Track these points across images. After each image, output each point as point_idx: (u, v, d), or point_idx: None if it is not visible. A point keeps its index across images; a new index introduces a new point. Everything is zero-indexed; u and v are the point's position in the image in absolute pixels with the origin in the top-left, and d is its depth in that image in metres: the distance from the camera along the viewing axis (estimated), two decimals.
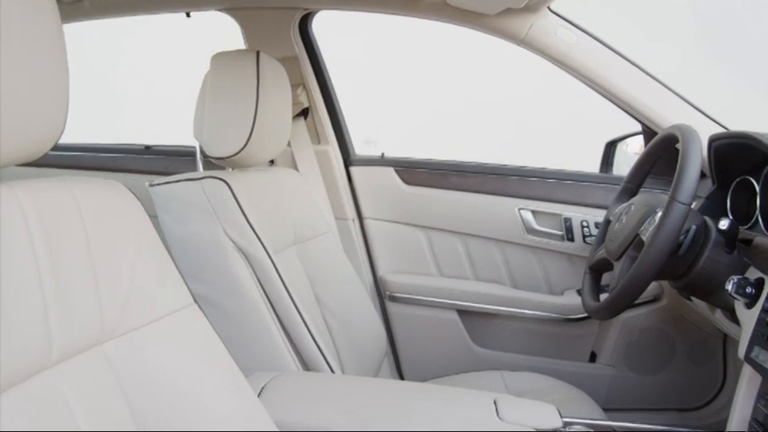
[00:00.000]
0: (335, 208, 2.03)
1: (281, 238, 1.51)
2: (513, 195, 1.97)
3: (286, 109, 1.55)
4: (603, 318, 1.48)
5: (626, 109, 1.78)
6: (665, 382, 1.95)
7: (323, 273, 1.63)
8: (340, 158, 2.08)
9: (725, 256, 1.32)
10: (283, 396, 1.05)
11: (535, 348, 2.01)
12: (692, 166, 1.24)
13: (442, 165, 2.06)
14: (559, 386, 1.74)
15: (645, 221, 1.37)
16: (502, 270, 2.02)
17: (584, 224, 1.92)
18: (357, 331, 1.64)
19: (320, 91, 2.02)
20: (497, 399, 1.06)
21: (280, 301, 1.33)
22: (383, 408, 1.03)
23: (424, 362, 2.05)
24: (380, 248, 2.08)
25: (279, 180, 1.62)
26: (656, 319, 1.92)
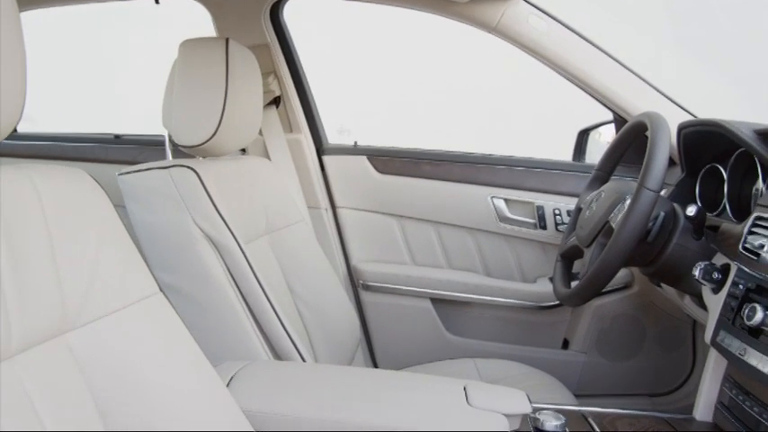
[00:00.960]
0: (308, 197, 2.01)
1: (252, 228, 1.50)
2: (485, 184, 1.97)
3: (256, 97, 1.53)
4: (574, 304, 1.49)
5: (597, 97, 1.79)
6: (637, 368, 1.98)
7: (295, 262, 1.62)
8: (312, 147, 2.07)
9: (693, 242, 1.34)
10: (252, 385, 1.04)
11: (508, 336, 2.02)
12: (660, 153, 1.25)
13: (416, 153, 2.05)
14: (532, 373, 1.75)
15: (614, 208, 1.38)
16: (475, 258, 2.03)
17: (556, 212, 1.93)
18: (330, 320, 1.63)
19: (292, 79, 2.01)
20: (467, 385, 1.06)
21: (250, 290, 1.32)
22: (352, 395, 1.03)
23: (397, 350, 2.05)
24: (353, 237, 2.08)
25: (250, 169, 1.60)
26: (627, 306, 1.94)
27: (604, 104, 1.81)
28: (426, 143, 2.12)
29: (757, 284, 1.08)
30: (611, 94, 1.75)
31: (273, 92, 1.95)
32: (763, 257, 1.07)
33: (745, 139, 1.27)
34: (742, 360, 1.05)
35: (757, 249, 1.10)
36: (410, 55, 4.10)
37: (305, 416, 0.97)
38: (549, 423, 1.07)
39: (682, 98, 1.78)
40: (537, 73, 1.84)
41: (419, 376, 1.16)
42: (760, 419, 1.06)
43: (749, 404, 1.10)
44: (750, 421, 1.09)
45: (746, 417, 1.10)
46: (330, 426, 0.96)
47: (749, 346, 1.05)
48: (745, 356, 1.05)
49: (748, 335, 1.06)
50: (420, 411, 0.99)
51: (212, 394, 0.88)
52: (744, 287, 1.11)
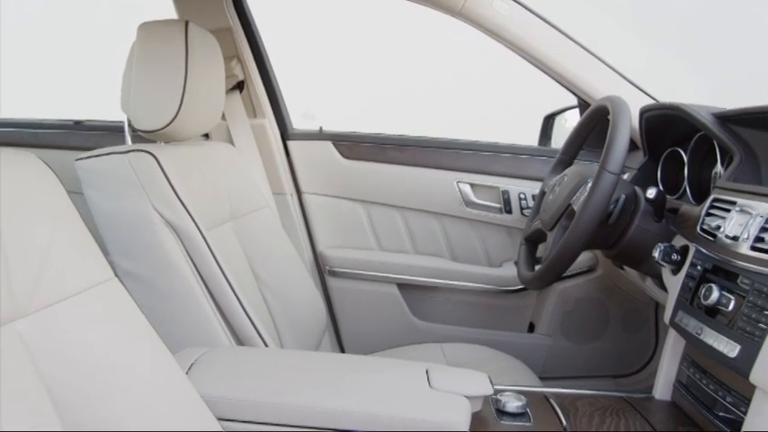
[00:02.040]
0: (273, 183, 1.99)
1: (215, 214, 1.48)
2: (451, 169, 1.97)
3: (218, 81, 1.51)
4: (537, 287, 1.51)
5: (561, 82, 1.80)
6: (601, 350, 2.00)
7: (260, 248, 1.61)
8: (277, 132, 2.04)
9: (653, 224, 1.35)
10: (213, 371, 1.03)
11: (474, 320, 2.03)
12: (620, 136, 1.26)
13: (382, 139, 2.04)
14: (497, 356, 1.76)
15: (577, 192, 1.39)
16: (441, 243, 2.03)
17: (521, 196, 1.94)
18: (296, 307, 1.63)
19: (255, 63, 1.98)
20: (429, 368, 1.06)
21: (211, 276, 1.31)
22: (313, 379, 1.03)
23: (364, 336, 2.05)
24: (319, 223, 2.06)
25: (213, 154, 1.58)
26: (591, 289, 1.96)
27: (568, 89, 1.82)
28: (394, 129, 2.12)
29: (714, 265, 1.10)
30: (575, 78, 1.76)
31: (236, 76, 1.92)
32: (719, 238, 1.08)
33: (703, 122, 1.28)
34: (699, 339, 1.07)
35: (714, 230, 1.11)
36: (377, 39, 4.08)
37: (265, 400, 0.96)
38: (510, 404, 1.09)
39: (644, 82, 1.79)
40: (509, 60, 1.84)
41: (381, 360, 1.16)
42: (716, 397, 1.08)
43: (705, 382, 1.12)
44: (707, 399, 1.11)
45: (703, 395, 1.12)
46: (291, 410, 0.96)
47: (705, 326, 1.06)
48: (701, 335, 1.06)
49: (705, 314, 1.08)
50: (381, 394, 0.99)
51: (170, 381, 0.87)
52: (701, 268, 1.13)
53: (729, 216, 1.09)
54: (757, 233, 1.00)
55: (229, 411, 0.97)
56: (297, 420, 0.96)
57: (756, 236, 1.00)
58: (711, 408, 1.09)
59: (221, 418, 0.96)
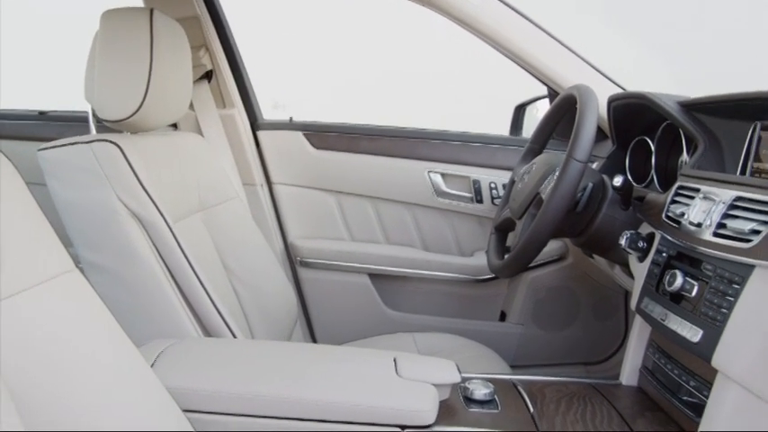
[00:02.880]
0: (243, 173, 1.98)
1: (183, 205, 1.46)
2: (422, 158, 1.97)
3: (185, 71, 1.49)
4: (506, 275, 1.51)
5: (531, 71, 1.80)
6: (572, 338, 2.02)
7: (230, 239, 1.59)
8: (247, 122, 2.03)
9: (621, 212, 1.36)
10: (179, 362, 1.02)
11: (446, 309, 2.04)
12: (587, 125, 1.26)
13: (352, 129, 2.04)
14: (469, 345, 1.77)
15: (545, 180, 1.39)
16: (413, 233, 2.03)
17: (492, 186, 1.94)
18: (267, 297, 1.62)
19: (224, 53, 1.96)
20: (397, 357, 1.06)
21: (178, 267, 1.29)
22: (281, 369, 1.02)
23: (336, 326, 2.05)
24: (290, 214, 2.05)
25: (181, 145, 1.56)
26: (561, 278, 1.98)
27: (538, 78, 1.82)
28: (365, 119, 2.11)
29: (678, 251, 1.11)
30: (545, 68, 1.76)
31: (205, 66, 1.90)
32: (683, 225, 1.09)
33: (669, 110, 1.29)
34: (663, 325, 1.08)
35: (678, 218, 1.12)
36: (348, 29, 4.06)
37: (231, 391, 0.96)
38: (478, 392, 1.09)
39: (613, 72, 1.80)
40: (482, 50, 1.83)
41: (349, 349, 1.16)
42: (680, 381, 1.10)
43: (670, 367, 1.13)
44: (672, 384, 1.12)
45: (668, 380, 1.14)
46: (257, 400, 0.95)
47: (670, 312, 1.07)
48: (666, 321, 1.07)
49: (670, 301, 1.09)
50: (349, 383, 0.99)
51: (132, 373, 0.86)
52: (666, 254, 1.14)
53: (693, 203, 1.10)
54: (719, 219, 1.01)
55: (195, 403, 0.96)
56: (263, 411, 0.95)
57: (719, 222, 1.01)
58: (676, 392, 1.11)
59: (187, 409, 0.95)
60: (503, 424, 1.03)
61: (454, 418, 1.02)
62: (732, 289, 0.94)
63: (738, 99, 1.13)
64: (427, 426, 0.97)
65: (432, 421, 0.97)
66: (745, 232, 0.94)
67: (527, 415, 1.07)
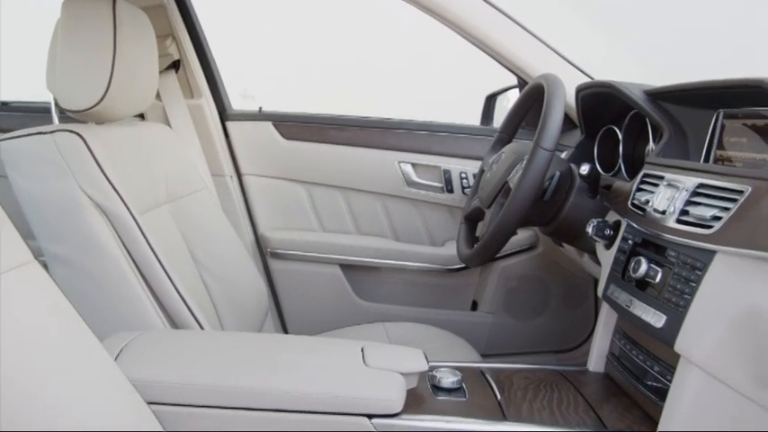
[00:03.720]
0: (212, 164, 1.96)
1: (150, 196, 1.44)
2: (392, 148, 1.97)
3: (151, 60, 1.47)
4: (475, 264, 1.52)
5: (501, 61, 1.79)
6: (543, 327, 2.04)
7: (199, 231, 1.58)
8: (215, 113, 2.00)
9: (588, 201, 1.37)
10: (144, 354, 1.01)
11: (418, 299, 2.04)
12: (554, 113, 1.27)
13: (322, 119, 2.02)
14: (440, 334, 1.78)
15: (513, 169, 1.40)
16: (383, 223, 2.03)
17: (462, 176, 1.95)
18: (236, 289, 1.60)
19: (191, 42, 1.93)
20: (365, 346, 1.06)
21: (144, 259, 1.27)
22: (247, 360, 1.01)
23: (308, 317, 2.04)
24: (260, 205, 2.04)
25: (148, 135, 1.54)
26: (532, 267, 1.99)
27: (508, 68, 1.82)
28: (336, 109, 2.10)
29: (643, 239, 1.12)
30: (514, 57, 1.76)
31: (171, 55, 1.87)
32: (648, 213, 1.10)
33: (634, 99, 1.30)
34: (628, 311, 1.09)
35: (643, 205, 1.13)
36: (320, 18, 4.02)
37: (196, 382, 0.95)
38: (445, 380, 1.09)
39: (585, 64, 1.81)
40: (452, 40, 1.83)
41: (316, 339, 1.16)
42: (645, 367, 1.11)
43: (636, 353, 1.15)
44: (637, 369, 1.14)
45: (634, 366, 1.15)
46: (223, 391, 0.94)
47: (635, 298, 1.09)
48: (631, 308, 1.09)
49: (636, 288, 1.10)
50: (315, 373, 0.99)
51: (94, 365, 0.84)
52: (632, 242, 1.15)
53: (658, 191, 1.11)
54: (682, 206, 1.02)
55: (160, 395, 0.95)
56: (229, 402, 0.95)
57: (682, 209, 1.02)
58: (642, 378, 1.12)
59: (152, 401, 0.94)
60: (470, 411, 1.04)
61: (421, 407, 1.02)
62: (694, 275, 0.95)
63: (702, 87, 1.14)
64: (394, 414, 0.97)
65: (399, 410, 0.97)
66: (707, 219, 0.95)
67: (494, 402, 1.08)
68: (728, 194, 0.94)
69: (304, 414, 0.95)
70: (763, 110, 1.05)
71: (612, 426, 1.04)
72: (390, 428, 0.96)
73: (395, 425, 0.96)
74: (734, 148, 1.11)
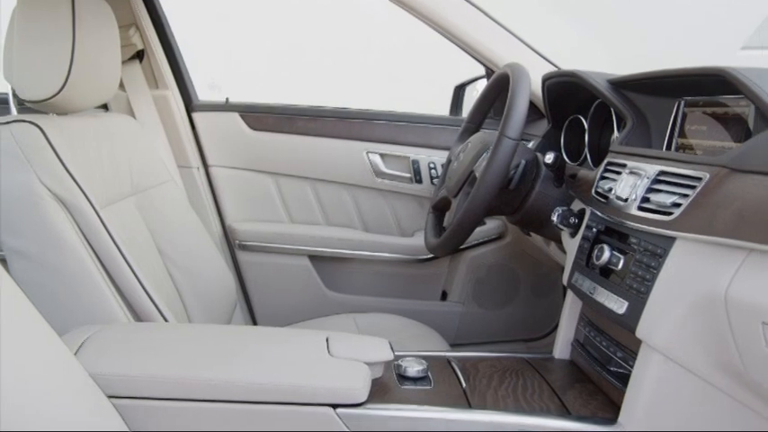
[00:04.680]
0: (178, 156, 1.93)
1: (114, 188, 1.42)
2: (361, 139, 1.96)
3: (112, 50, 1.44)
4: (442, 254, 1.52)
5: (468, 51, 1.80)
6: (512, 316, 2.05)
7: (165, 223, 1.56)
8: (181, 104, 1.98)
9: (554, 189, 1.38)
10: (105, 348, 0.99)
11: (388, 290, 2.04)
12: (519, 102, 1.27)
13: (290, 109, 2.01)
14: (410, 324, 1.78)
15: (479, 158, 1.40)
16: (352, 214, 2.02)
17: (431, 166, 1.95)
18: (204, 281, 1.59)
19: (156, 32, 1.90)
20: (329, 336, 1.06)
21: (106, 252, 1.25)
22: (210, 351, 1.00)
23: (277, 309, 2.03)
24: (228, 197, 2.02)
25: (111, 127, 1.51)
26: (501, 256, 2.00)
27: (475, 58, 1.82)
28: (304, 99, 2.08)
29: (606, 226, 1.13)
30: (481, 47, 1.76)
31: (135, 45, 1.84)
32: (611, 200, 1.11)
33: (598, 88, 1.31)
34: (592, 298, 1.10)
35: (607, 193, 1.14)
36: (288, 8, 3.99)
37: (158, 375, 0.94)
38: (411, 369, 1.09)
39: (552, 53, 1.82)
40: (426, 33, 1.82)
41: (280, 330, 1.15)
42: (609, 353, 1.12)
43: (599, 340, 1.16)
44: (601, 356, 1.15)
45: (599, 352, 1.16)
46: (184, 383, 0.93)
47: (598, 285, 1.10)
48: (594, 295, 1.10)
49: (599, 275, 1.11)
50: (280, 364, 0.98)
51: (49, 360, 0.82)
52: (596, 229, 1.16)
53: (620, 178, 1.12)
54: (644, 194, 1.03)
55: (121, 388, 0.93)
56: (191, 394, 0.94)
57: (643, 196, 1.03)
58: (605, 364, 1.13)
59: (113, 395, 0.93)
60: (435, 400, 1.04)
61: (386, 396, 1.02)
62: (655, 261, 0.96)
63: (663, 76, 1.15)
64: (359, 404, 0.96)
65: (364, 399, 0.97)
66: (667, 206, 0.96)
67: (459, 390, 1.08)
68: (688, 181, 0.95)
69: (268, 405, 0.94)
70: (724, 98, 1.07)
71: (576, 412, 1.05)
72: (355, 418, 0.96)
73: (360, 414, 0.96)
74: (695, 136, 1.13)
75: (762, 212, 0.78)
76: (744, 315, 0.79)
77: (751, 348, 0.80)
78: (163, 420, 0.95)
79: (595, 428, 0.99)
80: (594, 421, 1.01)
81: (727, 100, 1.05)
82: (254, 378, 0.94)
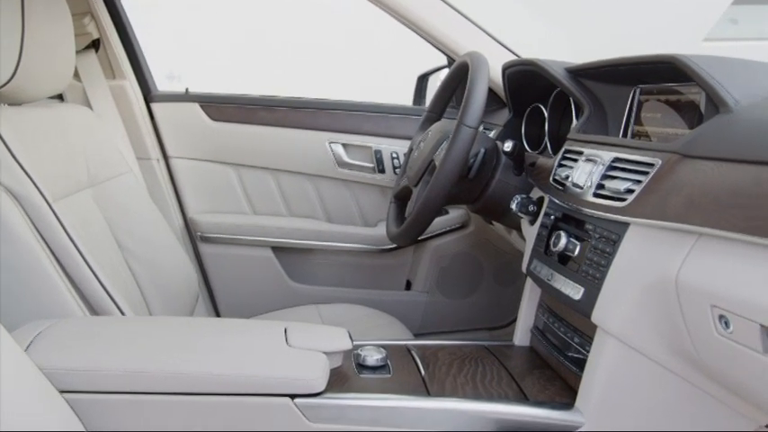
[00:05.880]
0: (137, 147, 1.90)
1: (70, 180, 1.39)
2: (323, 129, 1.95)
3: (65, 39, 1.41)
4: (403, 243, 1.52)
5: (429, 40, 1.79)
6: (476, 304, 2.06)
7: (123, 215, 1.53)
8: (139, 94, 1.94)
9: (514, 178, 1.39)
10: (57, 342, 0.97)
11: (352, 280, 2.04)
12: (478, 91, 1.27)
13: (250, 99, 1.99)
14: (374, 314, 1.78)
15: (439, 147, 1.40)
16: (316, 205, 2.01)
17: (394, 156, 1.94)
18: (164, 273, 1.57)
19: (112, 20, 1.86)
20: (288, 327, 1.05)
21: (59, 245, 1.23)
22: (167, 344, 0.99)
23: (240, 301, 2.02)
24: (189, 188, 1.99)
25: (66, 117, 1.48)
26: (464, 245, 2.01)
27: (437, 47, 1.82)
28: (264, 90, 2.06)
29: (564, 213, 1.14)
30: (442, 36, 1.76)
31: (90, 34, 1.80)
32: (568, 187, 1.12)
33: (556, 76, 1.32)
34: (550, 285, 1.11)
35: (564, 180, 1.15)
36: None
37: (111, 368, 0.92)
38: (370, 357, 1.09)
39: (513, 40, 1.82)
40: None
41: (239, 321, 1.13)
42: (566, 339, 1.13)
43: (557, 326, 1.17)
44: (560, 342, 1.16)
45: (557, 339, 1.17)
46: (139, 376, 0.92)
47: (556, 272, 1.10)
48: (551, 281, 1.10)
49: (558, 262, 1.12)
50: (237, 355, 0.97)
51: None
52: (553, 217, 1.17)
53: (577, 166, 1.13)
54: (599, 180, 1.04)
55: (74, 383, 0.92)
56: (146, 387, 0.92)
57: (598, 183, 1.04)
58: (564, 350, 1.14)
59: (65, 390, 0.91)
60: (393, 388, 1.04)
61: (345, 385, 1.02)
62: (610, 247, 0.97)
63: (619, 64, 1.16)
64: (317, 393, 0.96)
65: (321, 389, 0.96)
66: (621, 192, 0.97)
67: (418, 378, 1.08)
68: (641, 168, 0.96)
69: (225, 396, 0.93)
70: (677, 86, 1.08)
71: (534, 397, 1.06)
72: (313, 408, 0.95)
73: (318, 404, 0.96)
74: (651, 123, 1.14)
75: (710, 197, 0.79)
76: (693, 298, 0.80)
77: (701, 332, 0.81)
78: (118, 414, 0.94)
79: (553, 413, 1.00)
80: (552, 406, 1.02)
81: (681, 87, 1.07)
82: (211, 369, 0.93)
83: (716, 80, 0.90)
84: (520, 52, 1.80)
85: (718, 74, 0.92)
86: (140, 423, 0.94)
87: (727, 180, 0.78)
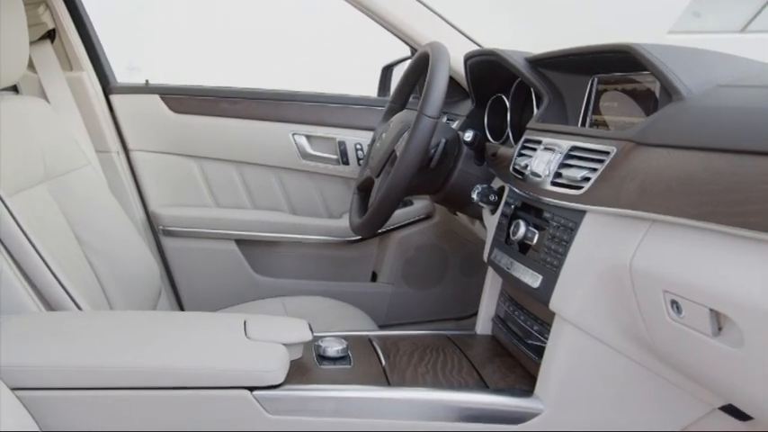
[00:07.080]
0: (95, 140, 1.86)
1: (25, 174, 1.36)
2: (286, 120, 1.93)
3: (18, 29, 1.37)
4: (365, 234, 1.52)
5: (392, 30, 1.79)
6: (441, 295, 2.07)
7: (82, 209, 1.51)
8: (98, 86, 1.90)
9: (475, 168, 1.40)
10: (8, 339, 0.95)
11: (317, 272, 2.03)
12: (438, 80, 1.27)
13: (213, 91, 1.96)
14: (339, 306, 1.77)
15: (400, 137, 1.40)
16: (279, 197, 2.00)
17: (358, 147, 1.94)
18: (125, 267, 1.54)
19: (68, 10, 1.82)
20: (247, 319, 1.04)
21: (12, 240, 1.20)
22: (124, 338, 0.98)
23: (205, 295, 2.00)
24: (150, 181, 1.96)
25: (21, 110, 1.45)
26: (429, 236, 2.01)
27: (400, 38, 1.82)
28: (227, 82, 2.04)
29: (523, 202, 1.15)
30: (404, 26, 1.75)
31: (45, 24, 1.76)
32: (527, 176, 1.13)
33: (516, 66, 1.32)
34: (509, 274, 1.12)
35: (523, 169, 1.15)
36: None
37: (65, 364, 0.91)
38: (331, 349, 1.09)
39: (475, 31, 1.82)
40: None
41: (199, 314, 1.13)
42: (526, 327, 1.14)
43: (518, 314, 1.18)
44: (520, 330, 1.17)
45: (518, 327, 1.18)
46: (94, 371, 0.91)
47: (515, 260, 1.11)
48: (511, 270, 1.11)
49: (518, 251, 1.13)
50: (196, 348, 0.96)
51: None
52: (513, 206, 1.18)
53: (536, 155, 1.13)
54: (557, 169, 1.05)
55: (26, 380, 0.90)
56: (102, 382, 0.91)
57: (556, 171, 1.04)
58: (524, 338, 1.15)
59: (18, 387, 0.89)
60: (353, 379, 1.04)
61: (305, 376, 1.02)
62: (567, 235, 0.98)
63: (576, 53, 1.16)
64: (276, 385, 0.96)
65: (281, 380, 0.96)
66: (578, 180, 0.98)
67: (379, 368, 1.08)
68: (597, 156, 0.97)
69: (183, 390, 0.93)
70: (633, 75, 1.09)
71: (494, 385, 1.06)
72: (272, 400, 0.95)
73: (277, 396, 0.95)
74: (608, 112, 1.15)
75: (662, 184, 0.80)
76: (647, 284, 0.81)
77: (654, 317, 0.82)
78: (73, 411, 0.92)
79: (512, 400, 1.01)
80: (512, 393, 1.03)
81: (637, 76, 1.08)
82: (168, 363, 0.92)
83: (669, 68, 0.91)
84: (483, 43, 1.80)
85: (671, 62, 0.93)
86: (96, 419, 0.93)
87: (679, 167, 0.79)
